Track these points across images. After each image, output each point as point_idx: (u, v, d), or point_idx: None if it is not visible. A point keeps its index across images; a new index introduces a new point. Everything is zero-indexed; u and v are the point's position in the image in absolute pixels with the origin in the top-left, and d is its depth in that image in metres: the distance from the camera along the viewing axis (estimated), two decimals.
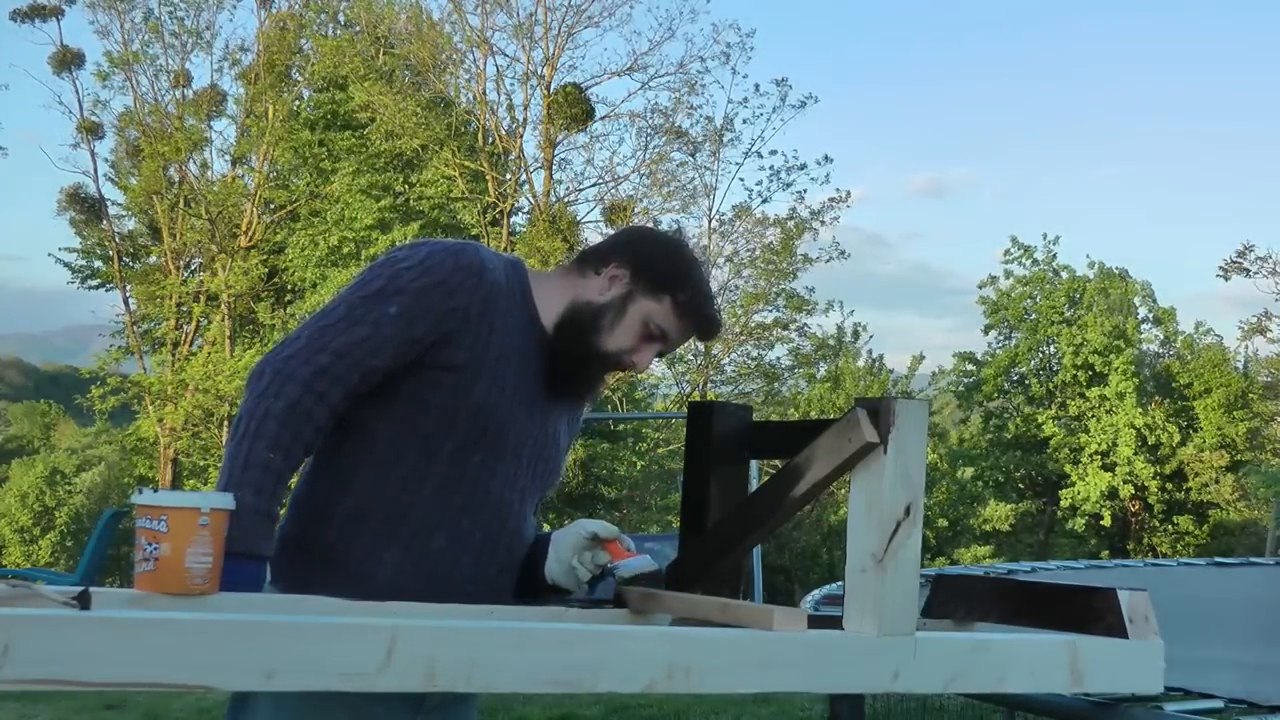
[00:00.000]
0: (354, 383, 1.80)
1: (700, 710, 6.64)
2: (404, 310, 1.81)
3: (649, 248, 1.99)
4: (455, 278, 1.84)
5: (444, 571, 1.84)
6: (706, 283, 2.01)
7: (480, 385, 1.85)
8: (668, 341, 1.98)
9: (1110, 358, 23.74)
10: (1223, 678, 2.82)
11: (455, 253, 1.88)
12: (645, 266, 1.95)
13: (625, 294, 1.94)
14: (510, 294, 1.91)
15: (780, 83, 22.05)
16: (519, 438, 1.91)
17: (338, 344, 1.79)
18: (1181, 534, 24.10)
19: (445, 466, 1.85)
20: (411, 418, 1.84)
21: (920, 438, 1.45)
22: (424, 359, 1.83)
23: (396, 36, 21.88)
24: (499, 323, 1.88)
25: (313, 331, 1.81)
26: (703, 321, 1.99)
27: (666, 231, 2.17)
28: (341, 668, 1.20)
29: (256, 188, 23.19)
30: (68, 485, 31.22)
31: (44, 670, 1.09)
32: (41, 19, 24.00)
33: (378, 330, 1.80)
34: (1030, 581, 1.78)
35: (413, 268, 1.84)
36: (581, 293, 1.96)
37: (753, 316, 22.55)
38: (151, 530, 1.54)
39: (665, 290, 1.94)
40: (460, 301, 1.84)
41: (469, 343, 1.84)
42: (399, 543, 1.83)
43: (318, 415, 1.77)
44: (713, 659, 1.35)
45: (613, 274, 1.95)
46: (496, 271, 1.90)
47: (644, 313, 1.94)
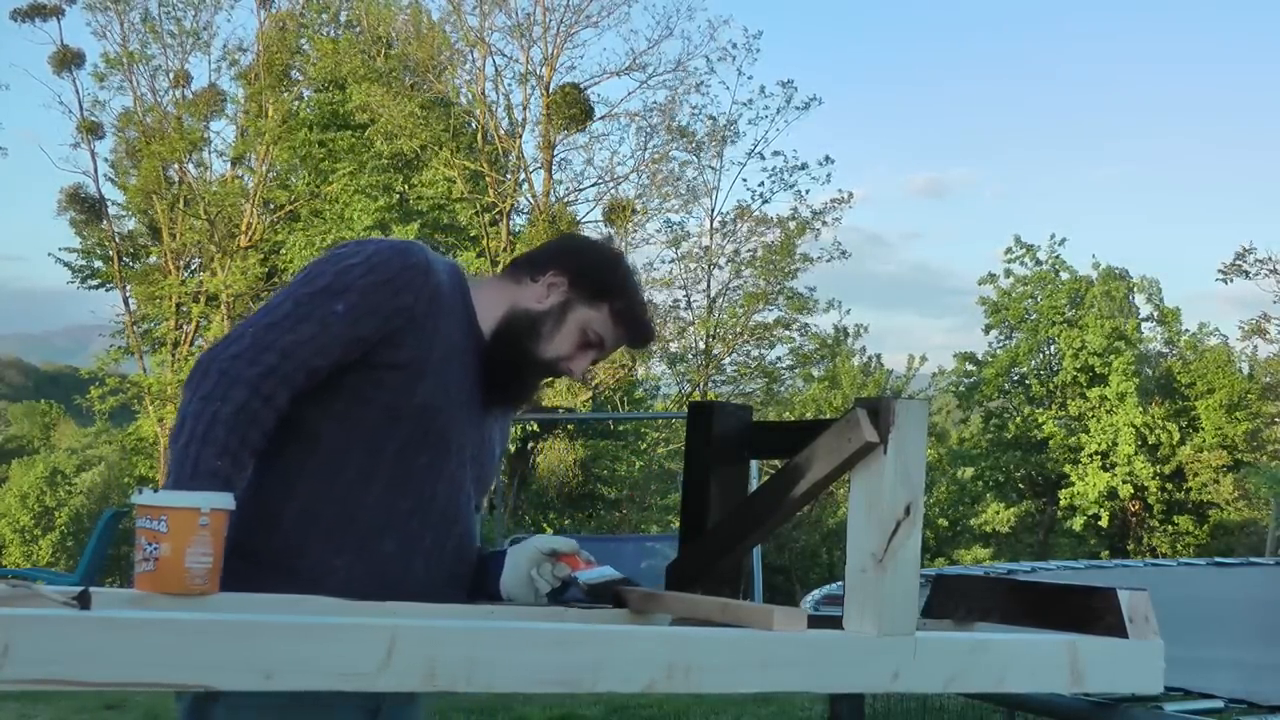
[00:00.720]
0: (300, 383, 1.77)
1: (700, 710, 6.64)
2: (351, 308, 1.79)
3: (586, 256, 2.00)
4: (402, 276, 1.83)
5: (395, 576, 1.82)
6: (641, 291, 2.03)
7: (425, 385, 1.84)
8: (603, 349, 1.99)
9: (1111, 358, 23.74)
10: (1223, 678, 2.82)
11: (402, 251, 1.87)
12: (583, 275, 1.96)
13: (563, 302, 1.95)
14: (452, 296, 1.90)
15: (786, 84, 22.07)
16: (460, 440, 1.90)
17: (284, 343, 1.76)
18: (1181, 534, 24.10)
19: (391, 468, 1.83)
20: (356, 417, 1.82)
21: (920, 438, 1.45)
22: (369, 358, 1.81)
23: (396, 36, 21.88)
24: (443, 324, 1.87)
25: (258, 329, 1.77)
26: (638, 329, 2.01)
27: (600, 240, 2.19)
28: (341, 668, 1.20)
29: (256, 188, 23.19)
30: (68, 485, 31.21)
31: (44, 670, 1.09)
32: (42, 18, 23.99)
33: (324, 329, 1.77)
34: (1030, 581, 1.78)
35: (359, 265, 1.82)
36: (519, 300, 1.96)
37: (753, 316, 22.56)
38: (151, 530, 1.54)
39: (603, 298, 1.96)
40: (407, 300, 1.82)
41: (414, 342, 1.83)
42: (349, 548, 1.81)
43: (264, 419, 1.74)
44: (713, 659, 1.35)
45: (551, 282, 1.96)
46: (440, 273, 1.89)
47: (582, 320, 1.95)
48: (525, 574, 1.90)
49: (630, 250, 22.19)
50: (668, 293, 22.72)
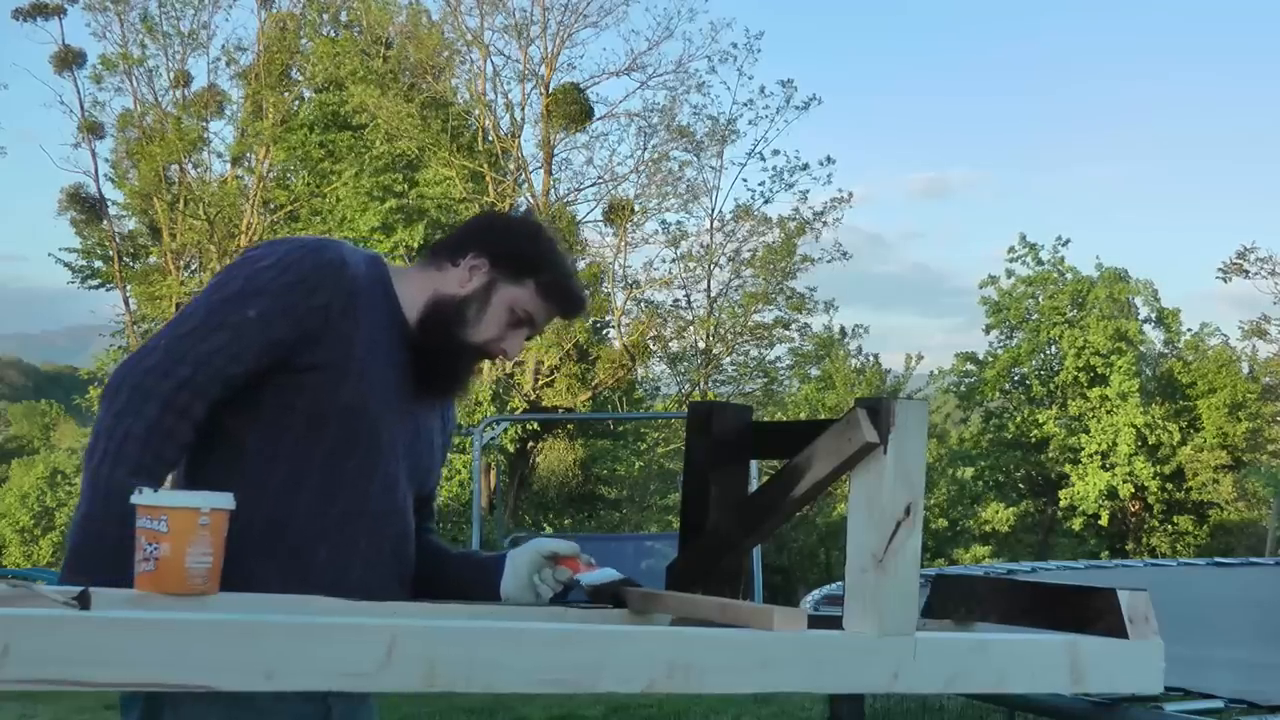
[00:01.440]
0: (216, 393, 1.73)
1: (700, 710, 6.64)
2: (263, 312, 1.75)
3: (505, 234, 1.95)
4: (315, 275, 1.79)
5: (329, 583, 1.73)
6: (567, 261, 1.98)
7: (347, 385, 1.79)
8: (534, 325, 1.95)
9: (1113, 359, 23.73)
10: (1223, 678, 2.82)
11: (314, 250, 1.83)
12: (504, 253, 1.91)
13: (487, 283, 1.90)
14: (371, 290, 1.86)
15: (786, 84, 22.06)
16: (391, 438, 1.86)
17: (197, 353, 1.72)
18: (1181, 534, 24.10)
19: (319, 474, 1.79)
20: (278, 424, 1.78)
21: (920, 438, 1.45)
22: (288, 361, 1.77)
23: (395, 36, 21.87)
24: (363, 319, 1.83)
25: (170, 340, 1.74)
26: (567, 301, 1.96)
27: (519, 214, 2.12)
28: (341, 668, 1.20)
29: (255, 188, 23.19)
30: (68, 485, 31.19)
31: (44, 670, 1.09)
32: (43, 18, 24.00)
33: (238, 335, 1.74)
34: (1030, 581, 1.78)
35: (270, 266, 1.78)
36: (442, 286, 1.91)
37: (752, 316, 22.56)
38: (151, 530, 1.54)
39: (527, 274, 1.91)
40: (321, 299, 1.78)
41: (332, 342, 1.79)
42: (277, 559, 1.77)
43: (180, 432, 1.71)
44: (713, 659, 1.35)
45: (472, 264, 1.91)
46: (358, 267, 1.85)
47: (508, 300, 1.91)
48: (526, 579, 1.88)
49: (630, 250, 22.20)
50: (668, 292, 22.74)
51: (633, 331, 22.09)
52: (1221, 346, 25.58)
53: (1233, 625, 4.62)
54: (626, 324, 22.34)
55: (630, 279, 22.52)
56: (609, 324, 22.53)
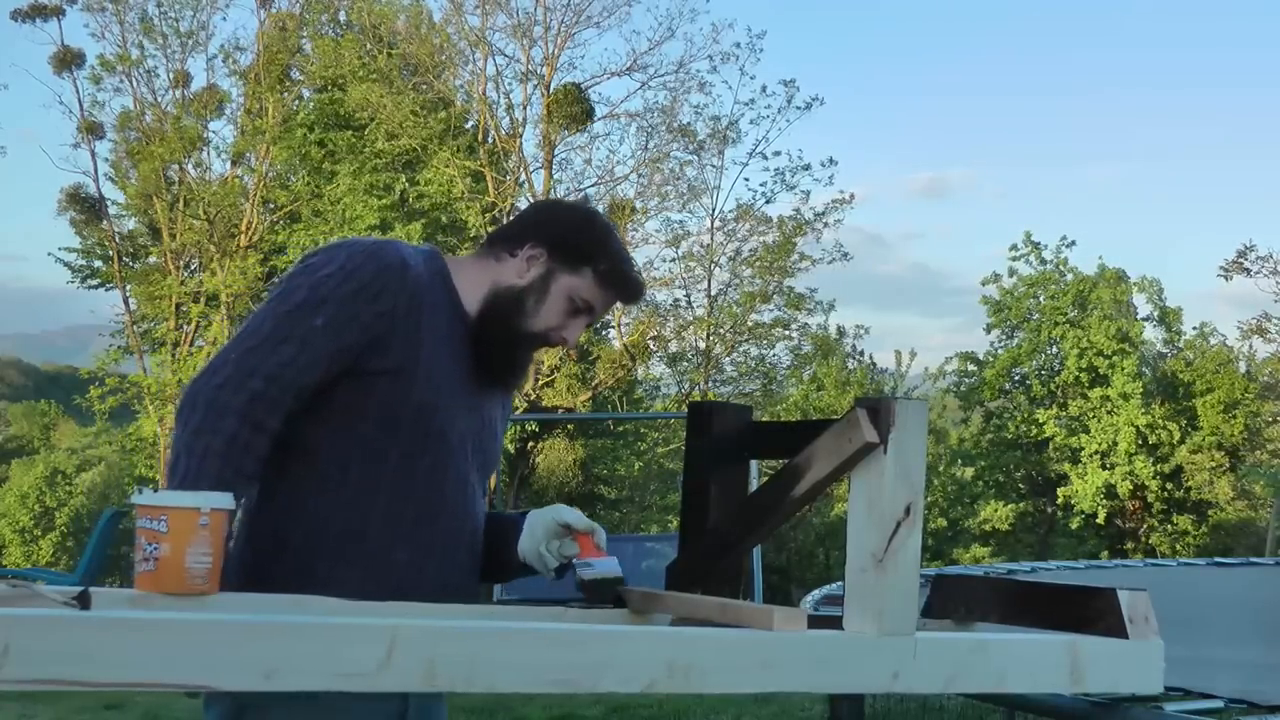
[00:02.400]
0: (289, 404, 1.75)
1: (700, 710, 6.64)
2: (330, 320, 1.76)
3: (561, 223, 1.96)
4: (379, 280, 1.80)
5: (409, 584, 1.78)
6: (623, 247, 1.99)
7: (416, 387, 1.81)
8: (593, 313, 1.96)
9: (1115, 359, 23.72)
10: (1223, 678, 2.82)
11: (374, 253, 1.83)
12: (561, 242, 1.91)
13: (545, 273, 1.91)
14: (433, 287, 1.87)
15: (788, 84, 22.04)
16: (461, 433, 1.88)
17: (268, 367, 1.73)
18: (1180, 533, 24.10)
19: (395, 476, 1.81)
20: (352, 429, 1.80)
21: (920, 438, 1.45)
22: (356, 366, 1.79)
23: (396, 36, 21.88)
24: (426, 319, 1.84)
25: (240, 354, 1.75)
26: (626, 287, 1.97)
27: (575, 203, 2.12)
28: (341, 668, 1.20)
29: (255, 188, 23.19)
30: (68, 485, 31.21)
31: (44, 670, 1.09)
32: (42, 18, 23.99)
33: (306, 346, 1.75)
34: (1030, 581, 1.78)
35: (334, 274, 1.79)
36: (501, 277, 1.92)
37: (751, 315, 22.55)
38: (151, 530, 1.54)
39: (585, 263, 1.91)
40: (386, 304, 1.79)
41: (400, 344, 1.80)
42: (358, 564, 1.79)
43: (258, 446, 1.72)
44: (713, 659, 1.35)
45: (530, 254, 1.91)
46: (418, 266, 1.86)
47: (567, 289, 1.91)
48: (539, 546, 1.90)
49: (630, 249, 22.19)
50: (668, 292, 22.74)
51: (633, 331, 22.11)
52: (1220, 346, 25.58)
53: (1233, 625, 4.62)
54: (627, 324, 22.36)
55: None
56: (609, 324, 22.55)
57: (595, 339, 21.61)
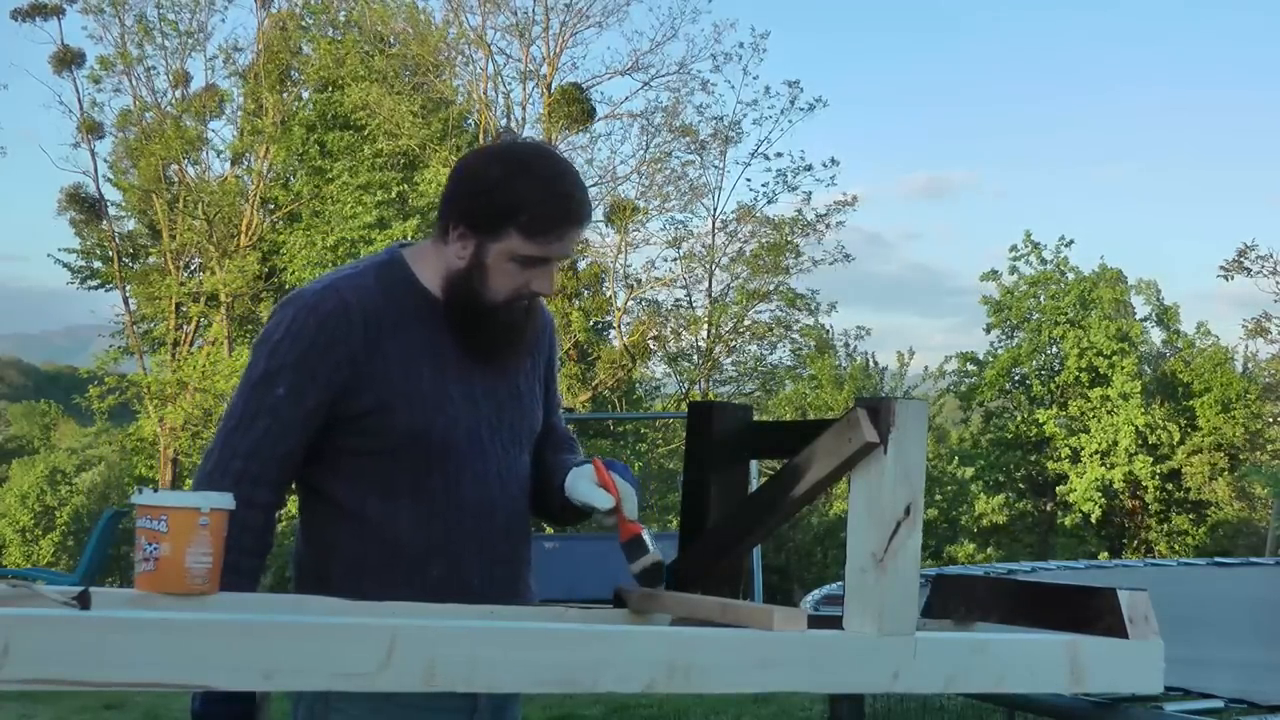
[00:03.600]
0: (276, 473, 1.84)
1: (700, 710, 6.64)
2: (291, 388, 1.81)
3: (468, 191, 1.86)
4: (323, 333, 1.81)
5: (453, 592, 1.82)
6: (544, 181, 1.83)
7: (401, 415, 1.83)
8: (549, 259, 1.86)
9: (1115, 359, 23.72)
10: (1223, 678, 2.82)
11: (314, 308, 1.83)
12: (474, 215, 1.84)
13: (476, 248, 1.84)
14: (391, 302, 1.86)
15: (792, 84, 22.02)
16: (470, 429, 1.88)
17: (245, 446, 1.81)
18: (1179, 533, 24.09)
19: (410, 499, 1.85)
20: (357, 469, 1.86)
21: (920, 438, 1.45)
22: (338, 414, 1.83)
23: (395, 36, 21.88)
24: (390, 344, 1.84)
25: (222, 440, 1.83)
26: (564, 220, 1.84)
27: (478, 158, 1.95)
28: (341, 668, 1.20)
29: (255, 188, 23.18)
30: (68, 485, 31.19)
31: (44, 670, 1.09)
32: (42, 18, 23.97)
33: (276, 417, 1.81)
34: (1030, 581, 1.78)
35: (283, 339, 1.83)
36: (448, 261, 1.88)
37: (749, 314, 22.54)
38: (152, 530, 1.54)
39: (505, 224, 1.82)
40: (341, 353, 1.81)
41: (369, 383, 1.82)
42: (397, 586, 1.80)
43: (252, 521, 1.78)
44: (713, 659, 1.35)
45: (458, 234, 1.86)
46: (366, 294, 1.85)
47: (505, 255, 1.83)
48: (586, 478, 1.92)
49: (631, 250, 22.19)
50: (668, 292, 22.74)
51: (633, 331, 22.10)
52: (1218, 346, 25.56)
53: (1233, 625, 4.62)
54: (627, 323, 22.36)
55: (631, 278, 22.54)
56: (609, 324, 22.54)
57: (595, 339, 21.61)
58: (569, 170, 1.90)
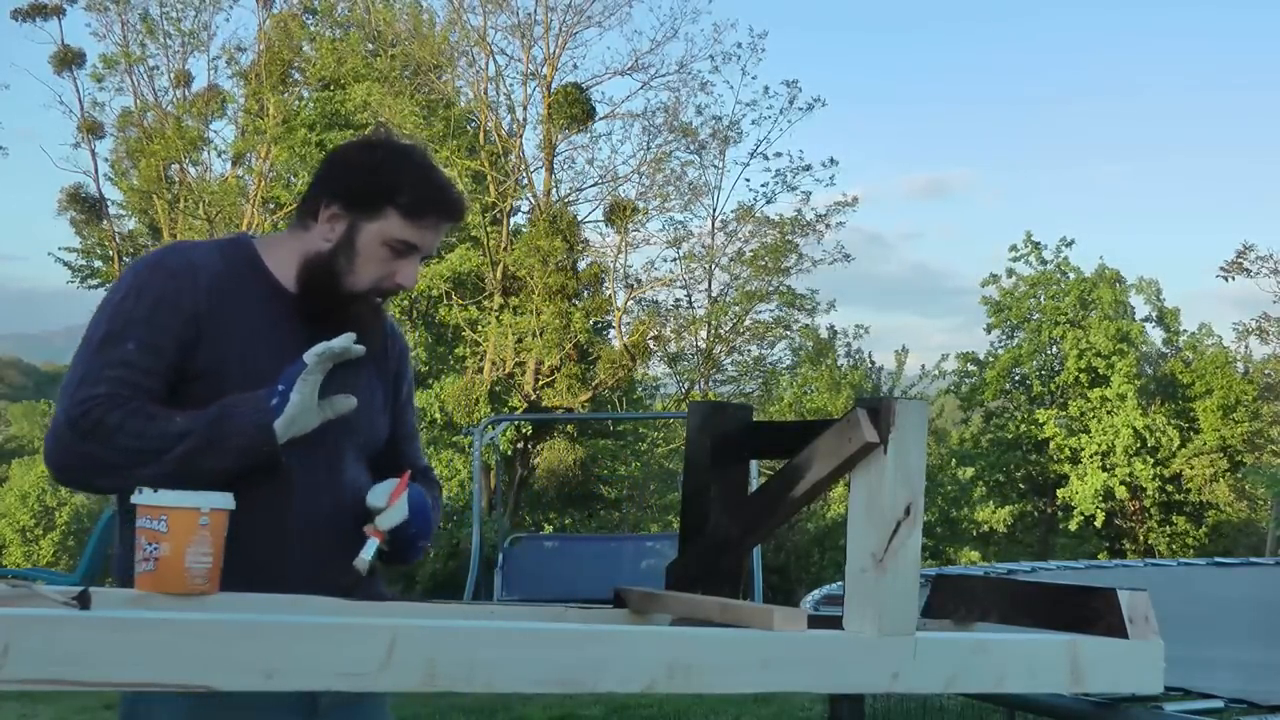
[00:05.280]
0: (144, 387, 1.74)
1: (700, 710, 6.64)
2: (142, 342, 1.74)
3: (348, 169, 1.86)
4: (169, 287, 1.77)
5: (273, 579, 1.70)
6: (422, 168, 1.86)
7: (230, 384, 1.75)
8: (420, 248, 1.86)
9: (1114, 360, 23.72)
10: (1223, 678, 2.82)
11: (159, 264, 1.80)
12: (352, 191, 1.82)
13: (348, 228, 1.82)
14: (236, 275, 1.83)
15: (790, 84, 22.02)
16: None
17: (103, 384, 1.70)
18: (1180, 534, 24.09)
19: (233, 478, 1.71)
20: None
21: (920, 438, 1.45)
22: (176, 381, 1.76)
23: (397, 36, 21.88)
24: (232, 311, 1.79)
25: (62, 398, 1.73)
26: (439, 209, 1.86)
27: (358, 141, 1.98)
28: (341, 668, 1.20)
29: (256, 188, 23.18)
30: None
31: (44, 670, 1.09)
32: (42, 18, 23.97)
33: (130, 367, 1.72)
34: (1030, 581, 1.78)
35: (128, 297, 1.77)
36: (309, 245, 1.85)
37: (749, 315, 22.55)
38: (152, 530, 1.54)
39: (383, 203, 1.81)
40: (187, 306, 1.76)
41: (206, 346, 1.76)
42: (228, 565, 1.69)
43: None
44: (713, 659, 1.35)
45: (329, 214, 1.83)
46: (211, 261, 1.82)
47: (378, 237, 1.82)
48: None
49: (631, 250, 22.19)
50: (668, 292, 22.73)
51: (633, 331, 22.10)
52: (1218, 348, 25.56)
53: (1233, 625, 4.62)
54: (627, 323, 22.36)
55: (631, 279, 22.55)
56: (609, 324, 22.54)
57: (595, 339, 21.61)
58: (442, 170, 1.95)
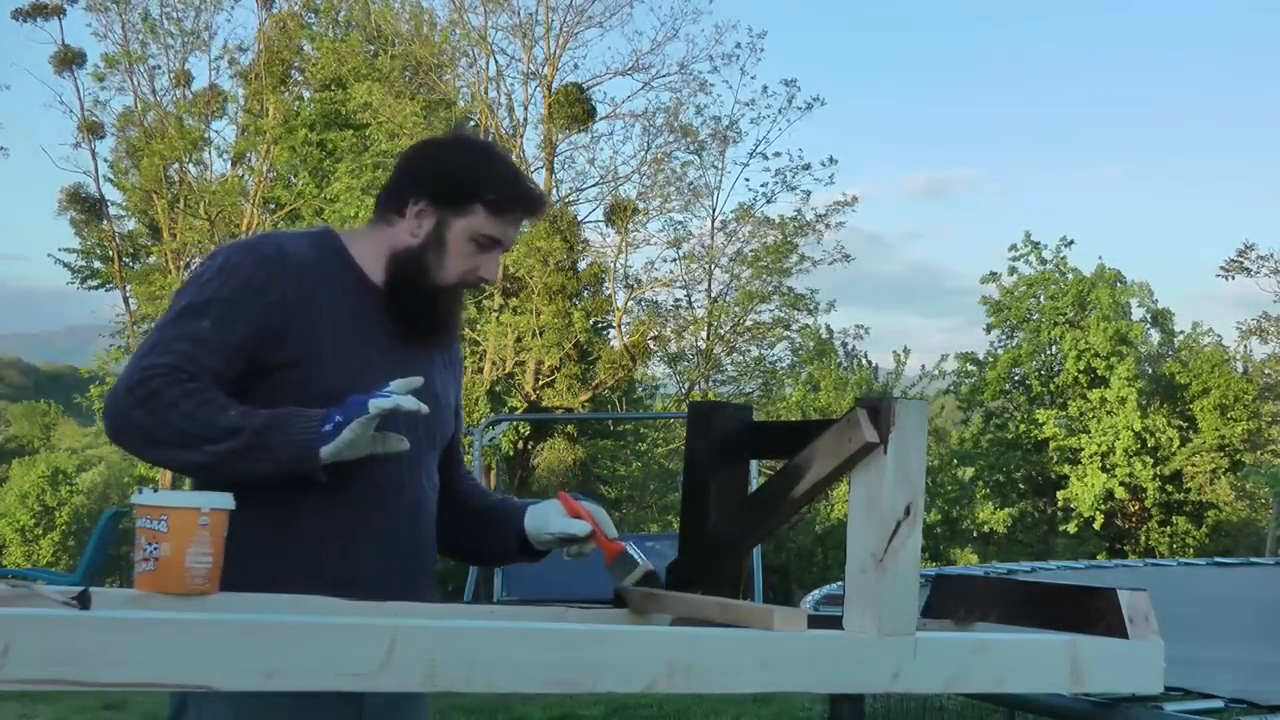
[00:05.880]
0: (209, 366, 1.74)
1: (700, 710, 6.64)
2: (216, 320, 1.74)
3: (434, 167, 1.90)
4: (260, 273, 1.78)
5: (347, 576, 1.77)
6: (505, 165, 1.93)
7: (321, 373, 1.78)
8: (503, 243, 1.92)
9: (1112, 361, 23.71)
10: (1223, 678, 2.82)
11: (250, 249, 1.82)
12: (440, 188, 1.86)
13: (436, 224, 1.87)
14: (325, 267, 1.85)
15: (789, 84, 22.01)
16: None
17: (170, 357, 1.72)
18: (1180, 534, 24.08)
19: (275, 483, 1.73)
20: None
21: (920, 438, 1.45)
22: (257, 364, 1.76)
23: (398, 36, 21.88)
24: (322, 301, 1.81)
25: (135, 360, 1.74)
26: (523, 205, 1.92)
27: (441, 139, 2.04)
28: (341, 668, 1.20)
29: (256, 187, 23.18)
30: (68, 485, 31.19)
31: (44, 670, 1.09)
32: (43, 18, 23.98)
33: (198, 343, 1.73)
34: (1030, 581, 1.78)
35: (214, 277, 1.78)
36: (396, 240, 1.88)
37: (750, 315, 22.54)
38: (152, 530, 1.54)
39: (470, 200, 1.86)
40: (274, 295, 1.77)
41: (297, 334, 1.78)
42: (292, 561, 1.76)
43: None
44: (713, 659, 1.35)
45: (416, 210, 1.87)
46: (301, 251, 1.84)
47: (464, 232, 1.87)
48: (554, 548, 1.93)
49: (631, 250, 22.20)
50: (668, 292, 22.73)
51: (633, 331, 22.10)
52: (1216, 347, 25.55)
53: (1233, 625, 4.62)
54: (627, 323, 22.36)
55: (631, 279, 22.55)
56: (609, 324, 22.54)
57: (595, 339, 21.62)
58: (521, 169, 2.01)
